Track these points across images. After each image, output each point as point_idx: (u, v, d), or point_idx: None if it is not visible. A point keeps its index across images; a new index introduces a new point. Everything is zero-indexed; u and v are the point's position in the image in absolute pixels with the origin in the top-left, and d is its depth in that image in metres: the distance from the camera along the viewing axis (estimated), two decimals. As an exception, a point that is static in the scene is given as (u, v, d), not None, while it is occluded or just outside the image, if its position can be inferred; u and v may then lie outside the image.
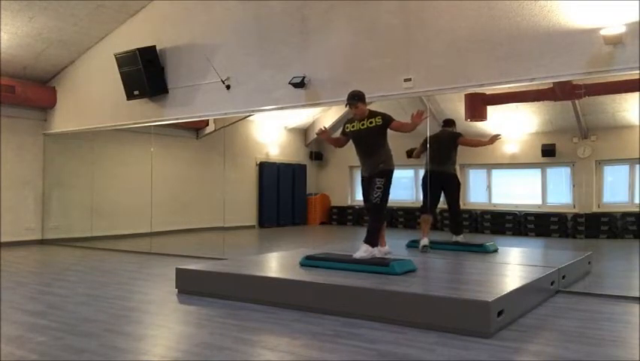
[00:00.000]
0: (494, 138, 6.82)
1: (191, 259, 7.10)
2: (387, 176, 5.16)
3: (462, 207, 11.41)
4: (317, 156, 14.05)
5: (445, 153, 6.87)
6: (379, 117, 5.16)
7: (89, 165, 10.21)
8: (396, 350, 3.31)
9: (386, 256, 5.32)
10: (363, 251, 5.03)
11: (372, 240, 5.11)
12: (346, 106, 5.29)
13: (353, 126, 5.32)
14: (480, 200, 11.14)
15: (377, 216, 5.23)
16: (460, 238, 6.90)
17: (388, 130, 5.22)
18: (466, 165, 10.79)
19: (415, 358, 3.17)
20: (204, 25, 7.83)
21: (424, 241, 6.60)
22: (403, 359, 3.15)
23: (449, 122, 7.15)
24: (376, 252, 5.13)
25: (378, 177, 5.14)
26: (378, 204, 5.12)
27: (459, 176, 7.50)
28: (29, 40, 8.30)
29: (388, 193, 5.16)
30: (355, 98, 5.17)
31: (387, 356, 3.20)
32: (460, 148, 6.99)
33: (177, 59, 8.06)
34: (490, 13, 5.61)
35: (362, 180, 5.44)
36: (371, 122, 5.18)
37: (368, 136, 5.21)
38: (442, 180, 6.84)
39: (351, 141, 5.47)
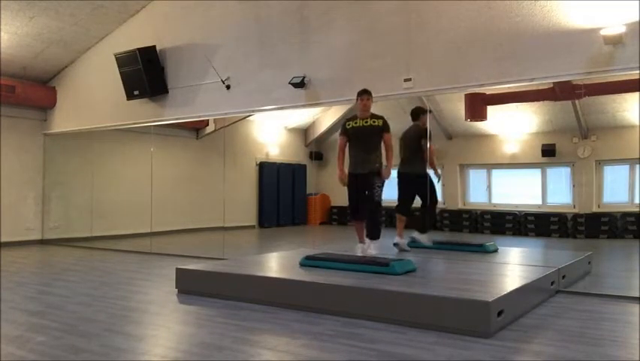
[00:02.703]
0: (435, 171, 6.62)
1: (191, 259, 7.10)
2: (381, 175, 5.55)
3: (462, 207, 11.46)
4: (317, 156, 14.03)
5: (412, 152, 6.42)
6: (381, 120, 5.49)
7: (89, 165, 10.21)
8: (396, 350, 3.31)
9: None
10: (374, 248, 5.51)
11: (378, 234, 5.60)
12: (358, 97, 5.51)
13: (356, 123, 5.54)
14: (480, 200, 11.13)
15: (379, 212, 5.70)
16: (416, 235, 6.54)
17: None
18: (466, 165, 10.79)
19: (414, 358, 3.17)
20: (204, 25, 7.83)
21: (397, 240, 6.50)
22: (402, 359, 3.15)
23: (415, 114, 6.50)
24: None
25: (377, 176, 5.46)
26: (379, 201, 5.52)
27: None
28: (29, 40, 8.30)
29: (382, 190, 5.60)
30: (368, 92, 5.52)
31: (387, 356, 3.20)
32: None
33: (177, 59, 8.06)
34: (490, 13, 5.62)
35: (354, 177, 5.57)
36: (374, 122, 5.48)
37: (370, 134, 5.48)
38: (413, 182, 6.44)
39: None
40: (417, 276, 4.68)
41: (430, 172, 6.55)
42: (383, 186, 5.51)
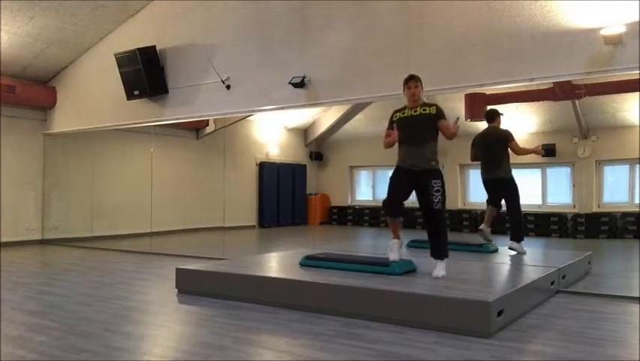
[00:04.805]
0: (537, 150, 6.47)
1: (191, 259, 7.10)
2: (442, 176, 4.65)
3: (462, 207, 11.46)
4: (317, 156, 14.05)
5: (496, 155, 6.24)
6: (434, 108, 4.70)
7: (89, 165, 10.21)
8: (396, 350, 3.31)
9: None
10: (442, 269, 4.55)
11: (446, 252, 4.65)
12: (404, 85, 4.80)
13: (403, 113, 4.79)
14: (480, 200, 11.11)
15: (443, 224, 4.70)
16: (515, 246, 6.20)
17: None
18: (465, 165, 10.79)
19: (415, 358, 3.17)
20: (204, 25, 7.83)
21: (482, 226, 6.62)
22: (403, 359, 3.15)
23: (491, 115, 6.39)
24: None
25: (433, 177, 4.58)
26: (441, 210, 4.57)
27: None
28: (29, 40, 8.30)
29: (445, 196, 4.63)
30: (416, 77, 4.78)
31: (387, 356, 3.20)
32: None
33: (177, 59, 8.06)
34: (490, 13, 5.61)
35: (406, 172, 4.68)
36: (424, 110, 4.70)
37: (420, 124, 4.68)
38: (499, 187, 6.35)
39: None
40: (417, 276, 4.67)
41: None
42: (444, 189, 4.58)
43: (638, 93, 8.26)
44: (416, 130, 4.68)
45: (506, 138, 6.29)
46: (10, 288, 5.38)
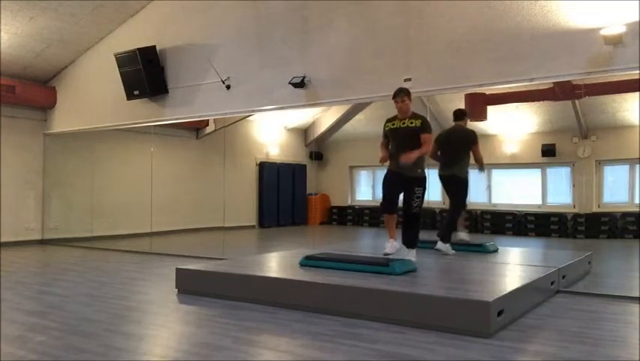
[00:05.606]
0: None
1: (191, 259, 7.10)
2: (425, 185, 5.30)
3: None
4: (317, 156, 14.05)
5: (459, 154, 6.29)
6: (420, 121, 5.18)
7: (89, 165, 10.21)
8: (396, 350, 3.31)
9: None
10: (413, 256, 5.25)
11: (416, 243, 5.43)
12: (394, 99, 5.21)
13: (393, 124, 5.29)
14: (480, 200, 11.14)
15: (418, 223, 5.43)
16: (441, 246, 6.19)
17: None
18: (465, 165, 10.78)
19: (415, 358, 3.17)
20: (204, 25, 7.83)
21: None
22: (402, 359, 3.15)
23: (461, 115, 6.42)
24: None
25: (417, 185, 5.21)
26: (418, 213, 5.30)
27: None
28: (29, 40, 8.30)
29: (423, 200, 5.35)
30: (403, 92, 5.20)
31: (387, 356, 3.20)
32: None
33: (177, 59, 8.06)
34: (490, 13, 5.62)
35: (397, 175, 5.23)
36: (412, 123, 5.18)
37: (407, 135, 5.18)
38: (449, 183, 6.42)
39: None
40: (417, 276, 4.68)
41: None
42: (423, 196, 5.25)
43: (638, 93, 8.27)
44: (404, 141, 5.19)
45: (472, 139, 6.29)
46: (11, 288, 5.38)
